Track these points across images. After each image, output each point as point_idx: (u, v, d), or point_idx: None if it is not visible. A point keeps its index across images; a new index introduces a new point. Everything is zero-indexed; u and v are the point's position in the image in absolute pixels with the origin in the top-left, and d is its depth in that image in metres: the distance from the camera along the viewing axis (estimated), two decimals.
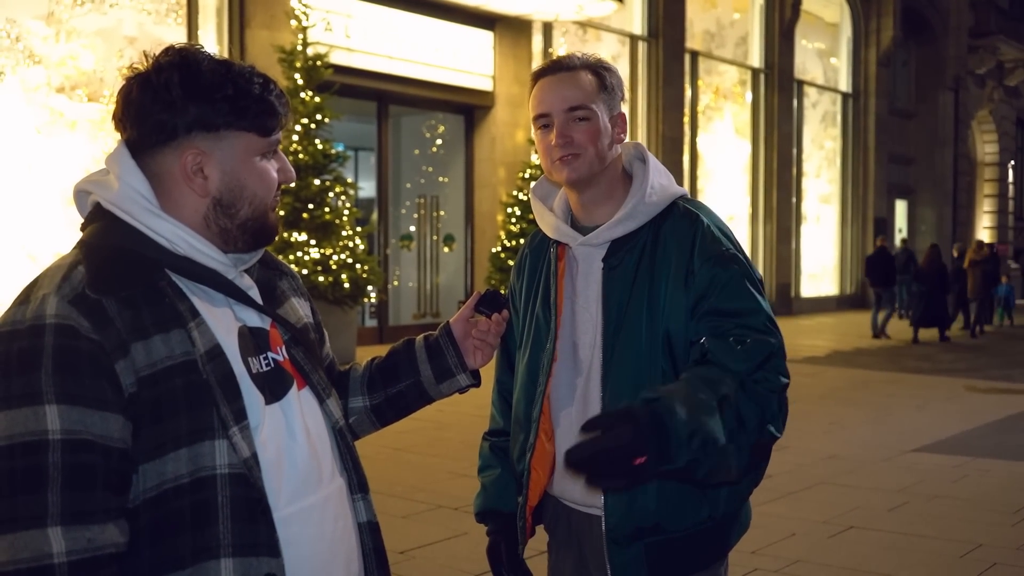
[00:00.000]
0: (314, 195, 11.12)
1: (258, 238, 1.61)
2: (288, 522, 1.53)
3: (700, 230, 2.00)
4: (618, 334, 2.00)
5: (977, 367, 13.17)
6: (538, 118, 2.06)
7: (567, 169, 2.02)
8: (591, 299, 2.07)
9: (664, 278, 1.99)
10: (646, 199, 2.05)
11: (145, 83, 1.51)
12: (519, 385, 2.17)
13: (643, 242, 2.03)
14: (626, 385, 1.97)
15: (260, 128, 1.56)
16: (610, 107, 2.07)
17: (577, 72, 2.05)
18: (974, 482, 6.70)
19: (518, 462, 2.16)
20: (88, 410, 1.38)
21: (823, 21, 23.71)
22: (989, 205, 31.26)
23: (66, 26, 10.42)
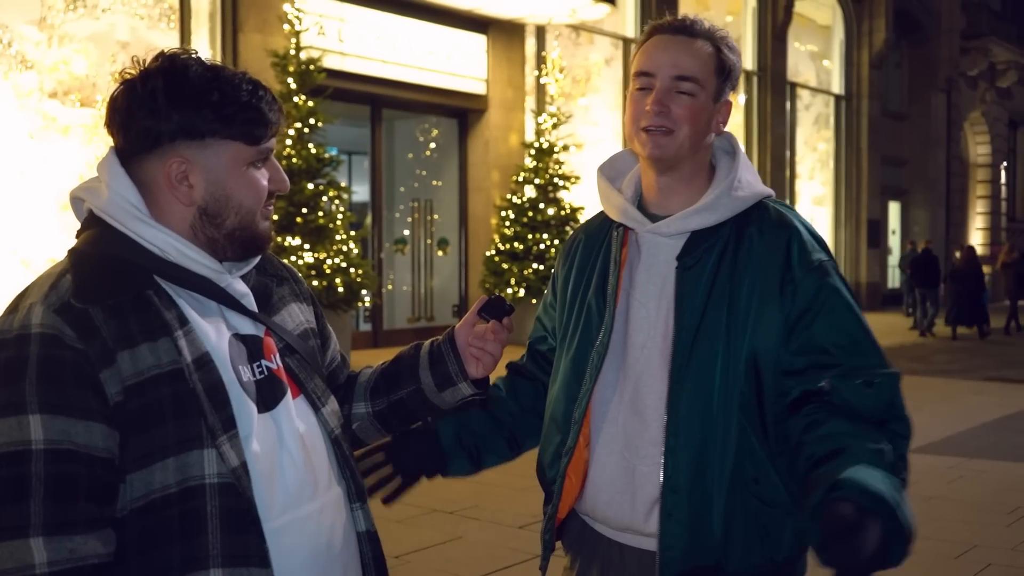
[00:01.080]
0: (308, 199, 11.11)
1: (247, 247, 1.59)
2: (281, 532, 1.51)
3: (796, 236, 1.81)
4: (693, 345, 1.78)
5: (972, 368, 13.19)
6: (639, 75, 1.83)
7: (652, 144, 1.81)
8: (651, 295, 1.85)
9: (750, 288, 1.78)
10: (732, 192, 1.83)
11: (131, 90, 1.50)
12: (559, 381, 1.95)
13: (724, 241, 1.82)
14: (698, 404, 1.76)
15: (247, 137, 1.53)
16: (720, 90, 1.86)
17: (698, 41, 1.83)
18: (969, 483, 6.70)
19: (550, 467, 1.95)
20: (71, 420, 1.37)
21: (815, 23, 23.75)
22: (982, 206, 31.31)
23: (59, 31, 10.39)
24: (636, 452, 1.83)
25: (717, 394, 1.76)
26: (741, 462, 1.75)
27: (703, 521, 1.75)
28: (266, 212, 1.60)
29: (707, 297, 1.79)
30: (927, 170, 27.40)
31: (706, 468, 1.75)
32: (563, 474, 1.91)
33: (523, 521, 5.39)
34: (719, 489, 1.75)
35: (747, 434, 1.76)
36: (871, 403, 1.72)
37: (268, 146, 1.57)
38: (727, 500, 1.75)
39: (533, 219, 13.93)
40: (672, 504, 1.76)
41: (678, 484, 1.76)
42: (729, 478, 1.75)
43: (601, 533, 1.92)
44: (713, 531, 1.76)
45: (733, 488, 1.75)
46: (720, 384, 1.76)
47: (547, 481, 1.97)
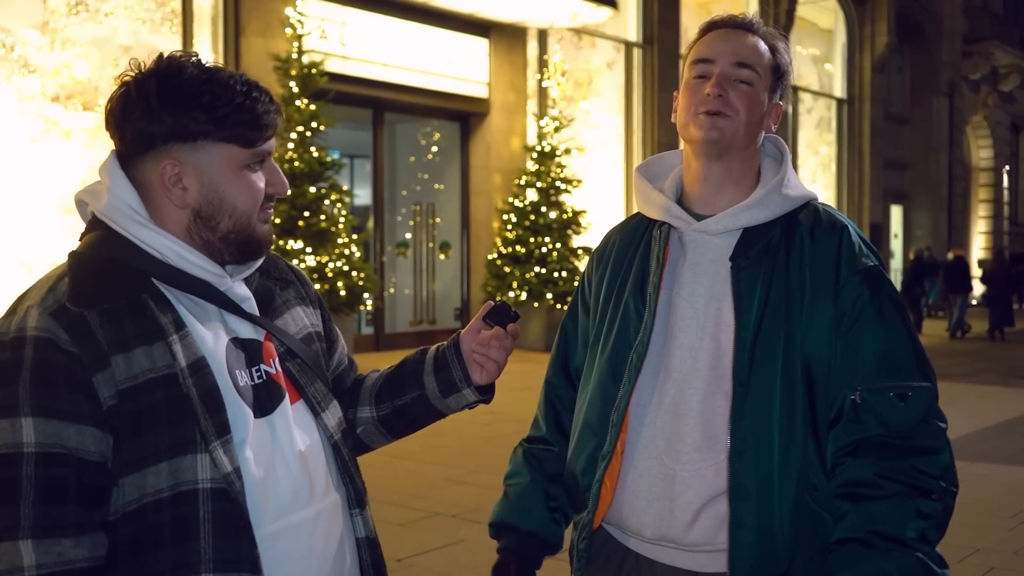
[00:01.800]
0: (310, 203, 11.12)
1: (245, 250, 1.57)
2: (275, 538, 1.51)
3: (846, 238, 1.77)
4: (755, 348, 1.72)
5: (974, 371, 13.18)
6: (697, 64, 1.81)
7: (710, 126, 1.76)
8: (699, 294, 1.79)
9: (801, 291, 1.74)
10: (782, 189, 1.80)
11: (127, 92, 1.50)
12: (593, 384, 1.87)
13: (776, 243, 1.77)
14: (763, 410, 1.70)
15: (240, 139, 1.52)
16: (773, 90, 1.85)
17: (756, 37, 1.83)
18: (971, 487, 6.69)
19: (584, 474, 1.85)
20: (63, 423, 1.37)
21: (817, 27, 23.76)
22: (984, 210, 31.30)
23: (61, 35, 10.40)
24: (677, 457, 1.76)
25: (779, 398, 1.71)
26: (804, 470, 1.71)
27: (771, 531, 1.69)
28: (264, 215, 1.58)
29: (765, 298, 1.74)
30: (929, 174, 27.40)
31: (772, 476, 1.70)
32: (600, 480, 1.83)
33: None
34: (786, 497, 1.70)
35: (808, 440, 1.72)
36: (902, 418, 1.69)
37: (264, 148, 1.56)
38: (794, 508, 1.70)
39: (535, 223, 13.94)
40: (743, 512, 1.69)
41: (748, 492, 1.69)
42: (795, 485, 1.70)
43: (629, 547, 1.85)
44: (781, 541, 1.69)
45: (799, 495, 1.70)
46: (782, 388, 1.72)
47: (580, 488, 1.87)
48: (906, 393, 1.69)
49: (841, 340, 1.72)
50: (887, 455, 1.67)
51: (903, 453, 1.67)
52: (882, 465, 1.66)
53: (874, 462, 1.67)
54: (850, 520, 1.66)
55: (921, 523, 1.64)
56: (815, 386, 1.72)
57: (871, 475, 1.66)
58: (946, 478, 1.68)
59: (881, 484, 1.65)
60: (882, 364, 1.71)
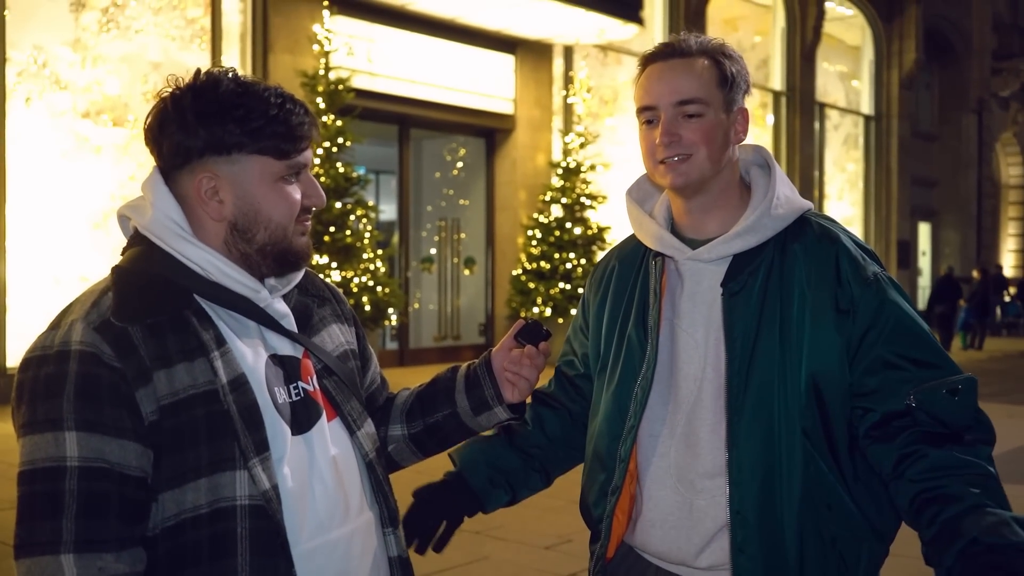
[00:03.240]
0: (335, 218, 11.18)
1: (282, 264, 1.58)
2: (312, 556, 1.51)
3: (843, 250, 1.76)
4: (749, 373, 1.72)
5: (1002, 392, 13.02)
6: (642, 111, 1.81)
7: (672, 174, 1.77)
8: (698, 323, 1.79)
9: (800, 308, 1.72)
10: (772, 211, 1.78)
11: (163, 107, 1.52)
12: (601, 416, 1.89)
13: (768, 262, 1.76)
14: (759, 433, 1.71)
15: (275, 151, 1.52)
16: (729, 101, 1.79)
17: (692, 59, 1.79)
18: None
19: (596, 506, 1.88)
20: (106, 437, 1.38)
21: (845, 44, 23.68)
22: (1014, 228, 31.00)
23: (92, 52, 10.53)
24: (691, 486, 1.78)
25: (777, 421, 1.71)
26: (809, 489, 1.70)
27: (776, 553, 1.70)
28: (302, 227, 1.59)
29: (758, 322, 1.74)
30: (958, 191, 27.18)
31: (773, 498, 1.70)
32: (611, 513, 1.85)
33: (549, 542, 5.35)
34: (789, 519, 1.70)
35: (814, 460, 1.71)
36: (959, 412, 1.68)
37: (300, 160, 1.56)
38: (799, 529, 1.70)
39: (560, 238, 13.93)
40: (743, 539, 1.70)
41: (747, 518, 1.70)
42: (798, 506, 1.70)
43: (651, 562, 1.86)
44: (788, 562, 1.70)
45: (804, 516, 1.70)
46: (779, 410, 1.71)
47: (593, 519, 1.91)
48: (956, 387, 1.69)
49: (869, 353, 1.70)
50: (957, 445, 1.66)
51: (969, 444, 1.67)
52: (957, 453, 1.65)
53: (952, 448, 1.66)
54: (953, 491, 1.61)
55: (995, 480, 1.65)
56: (827, 403, 1.71)
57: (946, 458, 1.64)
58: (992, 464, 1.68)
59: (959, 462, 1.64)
60: (921, 366, 1.70)
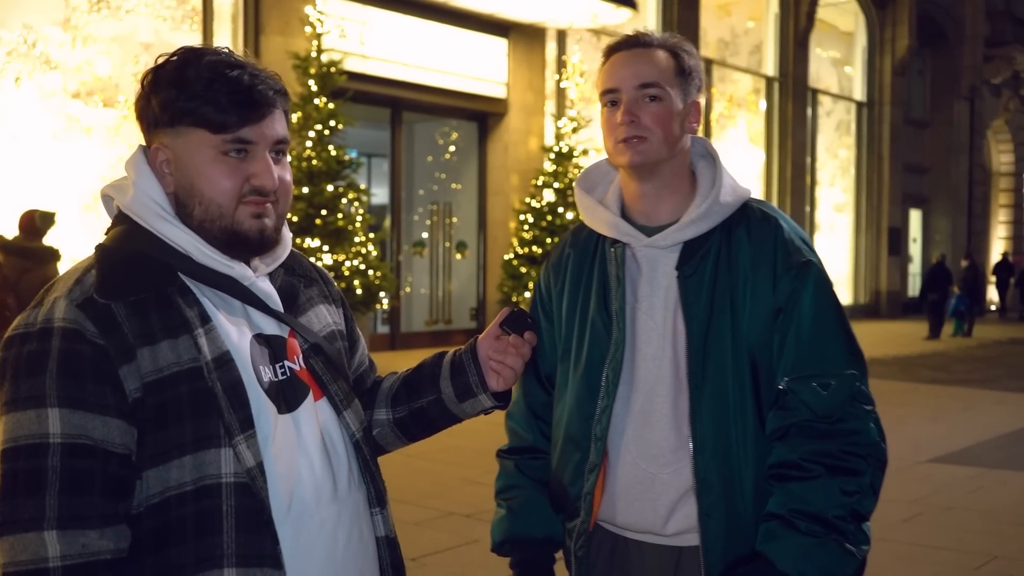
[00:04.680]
0: (327, 201, 11.15)
1: (229, 244, 1.51)
2: (297, 535, 1.51)
3: (780, 236, 1.88)
4: (706, 350, 1.84)
5: (991, 378, 13.09)
6: (605, 93, 1.90)
7: (631, 152, 1.86)
8: (657, 306, 1.90)
9: (744, 287, 1.85)
10: (720, 199, 1.90)
11: (141, 82, 1.53)
12: (571, 399, 1.96)
13: (717, 246, 1.88)
14: (719, 407, 1.83)
15: (210, 124, 1.47)
16: (685, 92, 1.91)
17: (653, 50, 1.90)
18: (990, 493, 6.65)
19: (573, 484, 1.95)
20: (89, 414, 1.38)
21: (838, 30, 23.67)
22: (1004, 215, 31.09)
23: (82, 32, 10.47)
24: (654, 460, 1.88)
25: (732, 394, 1.84)
26: (761, 455, 1.84)
27: (737, 516, 1.83)
28: (253, 209, 1.52)
29: (710, 301, 1.85)
30: (949, 178, 27.24)
31: (733, 466, 1.83)
32: (591, 491, 1.93)
33: None
34: (748, 483, 1.83)
35: (760, 427, 1.85)
36: (825, 404, 1.79)
37: (241, 135, 1.49)
38: (755, 492, 1.83)
39: (552, 223, 13.93)
40: (709, 504, 1.83)
41: (712, 485, 1.83)
42: (754, 472, 1.83)
43: (619, 535, 1.97)
44: (747, 523, 1.83)
45: (759, 480, 1.84)
46: (733, 384, 1.84)
47: (570, 498, 1.97)
48: (829, 382, 1.81)
49: (777, 333, 1.84)
50: (812, 438, 1.79)
51: (828, 436, 1.79)
52: (807, 448, 1.79)
53: (800, 445, 1.79)
54: (776, 499, 1.80)
55: (845, 500, 1.76)
56: (759, 376, 1.85)
57: (797, 458, 1.79)
58: (872, 455, 1.80)
59: (805, 466, 1.78)
60: (807, 355, 1.83)
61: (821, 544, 1.74)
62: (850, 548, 1.75)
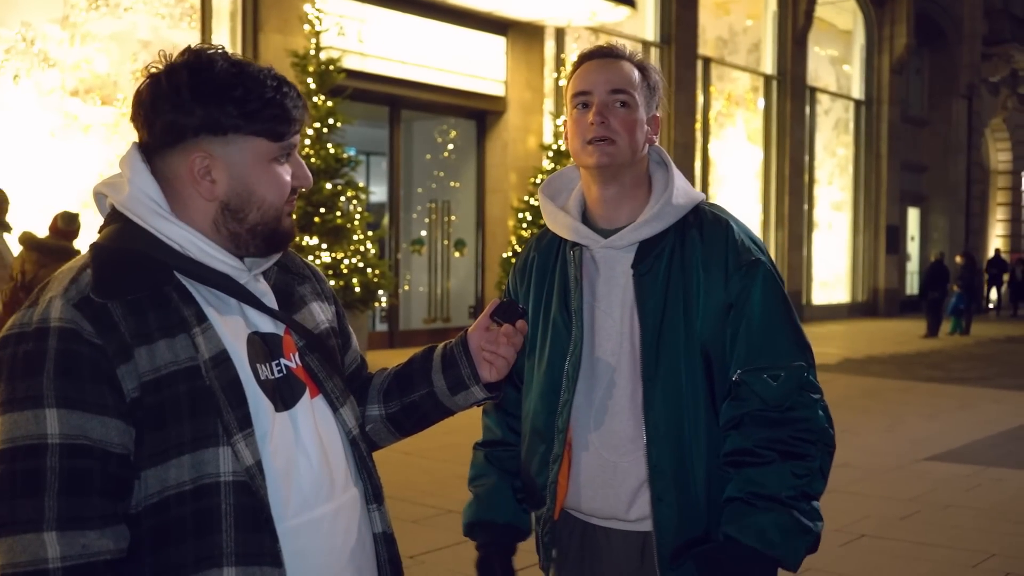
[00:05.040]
0: (326, 199, 11.15)
1: (270, 243, 1.58)
2: (296, 533, 1.51)
3: (731, 236, 1.99)
4: (659, 344, 1.95)
5: (990, 376, 13.11)
6: (577, 95, 2.00)
7: (599, 153, 1.96)
8: (614, 304, 2.01)
9: (698, 285, 1.96)
10: (673, 200, 2.00)
11: (156, 84, 1.50)
12: (535, 394, 2.08)
13: (671, 246, 1.99)
14: (671, 398, 1.94)
15: (270, 133, 1.52)
16: (648, 105, 2.03)
17: (623, 61, 2.03)
18: (987, 491, 6.66)
19: (539, 474, 2.07)
20: (87, 415, 1.38)
21: (836, 28, 23.66)
22: (1002, 213, 31.11)
23: (81, 30, 10.46)
24: (615, 450, 1.99)
25: (685, 386, 1.94)
26: (713, 443, 1.96)
27: (689, 500, 1.94)
28: (289, 208, 1.59)
29: (664, 298, 1.96)
30: (947, 176, 27.25)
31: (685, 453, 1.94)
32: (555, 480, 2.04)
33: None
34: (700, 470, 1.95)
35: (712, 417, 1.96)
36: (776, 394, 1.90)
37: (292, 142, 1.57)
38: (707, 478, 1.95)
39: None
40: (661, 489, 1.94)
41: (664, 471, 1.94)
42: (706, 459, 1.95)
43: (586, 521, 2.08)
44: (699, 507, 1.95)
45: (711, 467, 1.95)
46: (686, 376, 1.95)
47: (537, 487, 2.09)
48: (779, 374, 1.92)
49: (729, 327, 1.95)
50: (764, 427, 1.90)
51: (779, 424, 1.90)
52: (759, 436, 1.90)
53: (753, 433, 1.91)
54: (734, 484, 1.92)
55: (797, 482, 1.88)
56: (713, 369, 1.96)
57: (751, 445, 1.90)
58: (821, 440, 1.92)
59: (759, 452, 1.90)
60: (758, 348, 1.94)
61: (779, 518, 1.87)
62: (806, 523, 1.88)
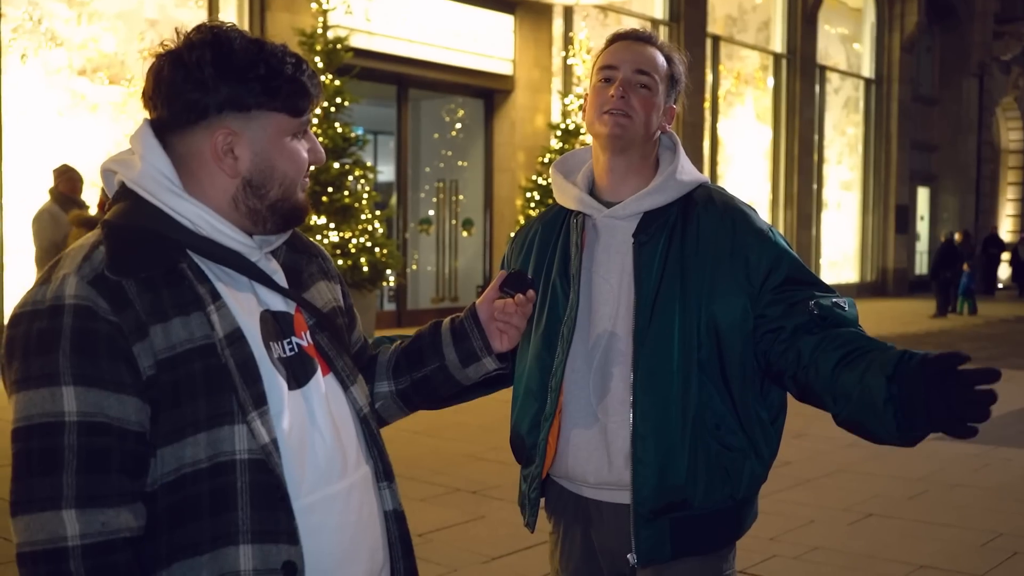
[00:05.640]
0: (333, 178, 11.13)
1: (288, 219, 1.59)
2: (310, 510, 1.51)
3: (736, 211, 2.08)
4: (652, 312, 2.01)
5: (998, 356, 13.08)
6: (603, 69, 2.09)
7: (613, 123, 2.05)
8: (612, 271, 2.08)
9: (702, 259, 2.02)
10: (677, 175, 2.09)
11: (177, 61, 1.49)
12: (531, 355, 2.14)
13: (672, 220, 2.06)
14: (658, 362, 1.99)
15: (292, 108, 1.54)
16: (668, 94, 2.13)
17: (654, 48, 2.12)
18: (995, 471, 6.66)
19: (530, 434, 2.13)
20: (104, 392, 1.38)
21: (846, 6, 23.49)
22: (1013, 193, 30.95)
23: (88, 8, 10.44)
24: (606, 411, 2.05)
25: (676, 353, 2.00)
26: (702, 412, 2.00)
27: (669, 464, 1.99)
28: (304, 184, 1.61)
29: (662, 268, 2.03)
30: (957, 156, 27.10)
31: (669, 418, 1.99)
32: (545, 438, 2.09)
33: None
34: (683, 436, 1.99)
35: (707, 388, 2.01)
36: (850, 315, 2.00)
37: (308, 118, 1.59)
38: (690, 445, 1.99)
39: None
40: (641, 450, 1.99)
41: (645, 432, 1.99)
42: (692, 426, 1.99)
43: (579, 494, 2.12)
44: (679, 472, 1.99)
45: (696, 435, 2.00)
46: (679, 345, 2.00)
47: (527, 447, 2.15)
48: (840, 302, 2.01)
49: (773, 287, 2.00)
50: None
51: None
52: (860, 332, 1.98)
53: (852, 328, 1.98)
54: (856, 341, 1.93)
55: None
56: (722, 341, 2.01)
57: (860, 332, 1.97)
58: None
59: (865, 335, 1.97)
60: (812, 286, 2.02)
61: None
62: None
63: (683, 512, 2.00)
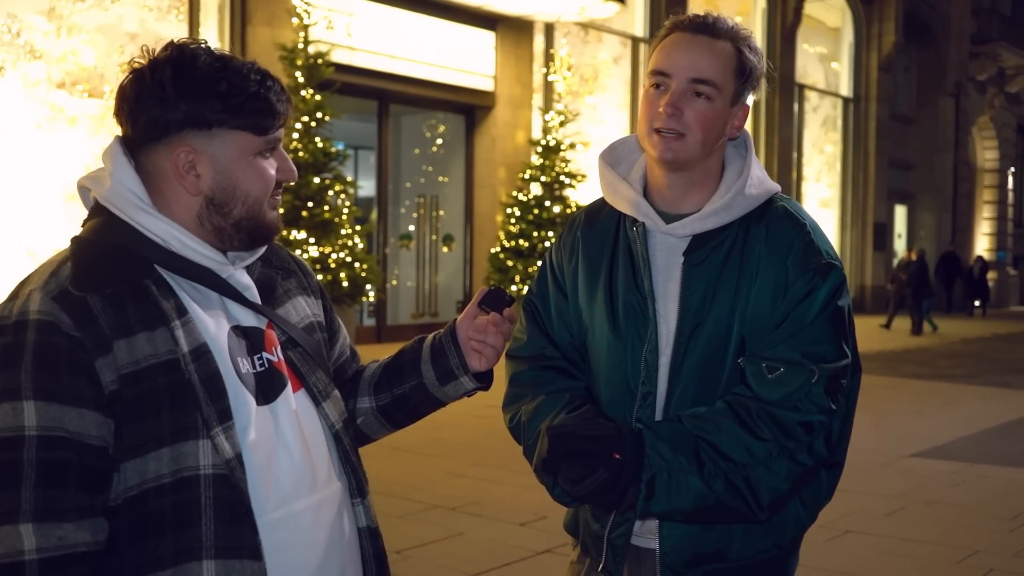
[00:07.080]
0: (313, 193, 11.12)
1: (254, 237, 1.59)
2: (277, 526, 1.51)
3: (801, 237, 1.78)
4: (692, 338, 1.77)
5: (976, 372, 13.17)
6: (654, 74, 1.78)
7: (664, 146, 1.76)
8: (671, 292, 1.82)
9: (752, 283, 1.76)
10: (746, 191, 1.80)
11: (140, 79, 1.50)
12: (604, 382, 1.87)
13: (732, 240, 1.79)
14: (688, 395, 1.77)
15: (255, 127, 1.53)
16: (738, 94, 1.80)
17: (718, 41, 1.77)
18: (972, 488, 6.69)
19: None
20: (65, 407, 1.38)
21: (825, 25, 23.71)
22: (989, 212, 31.24)
23: (67, 22, 10.40)
24: None
25: (711, 386, 1.77)
26: None
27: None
28: (273, 202, 1.60)
29: (713, 294, 1.77)
30: (934, 174, 27.34)
31: None
32: None
33: (524, 518, 5.38)
34: None
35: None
36: (771, 391, 1.70)
37: (276, 136, 1.57)
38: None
39: (539, 216, 13.93)
40: None
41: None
42: None
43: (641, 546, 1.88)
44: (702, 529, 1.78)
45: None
46: (715, 375, 1.77)
47: None
48: (777, 367, 1.71)
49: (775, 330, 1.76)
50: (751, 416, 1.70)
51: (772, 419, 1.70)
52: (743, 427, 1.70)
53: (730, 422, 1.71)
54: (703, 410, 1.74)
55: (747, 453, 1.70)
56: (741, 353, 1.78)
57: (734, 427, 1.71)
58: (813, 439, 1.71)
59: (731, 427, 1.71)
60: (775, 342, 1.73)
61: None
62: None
63: (717, 564, 1.78)
